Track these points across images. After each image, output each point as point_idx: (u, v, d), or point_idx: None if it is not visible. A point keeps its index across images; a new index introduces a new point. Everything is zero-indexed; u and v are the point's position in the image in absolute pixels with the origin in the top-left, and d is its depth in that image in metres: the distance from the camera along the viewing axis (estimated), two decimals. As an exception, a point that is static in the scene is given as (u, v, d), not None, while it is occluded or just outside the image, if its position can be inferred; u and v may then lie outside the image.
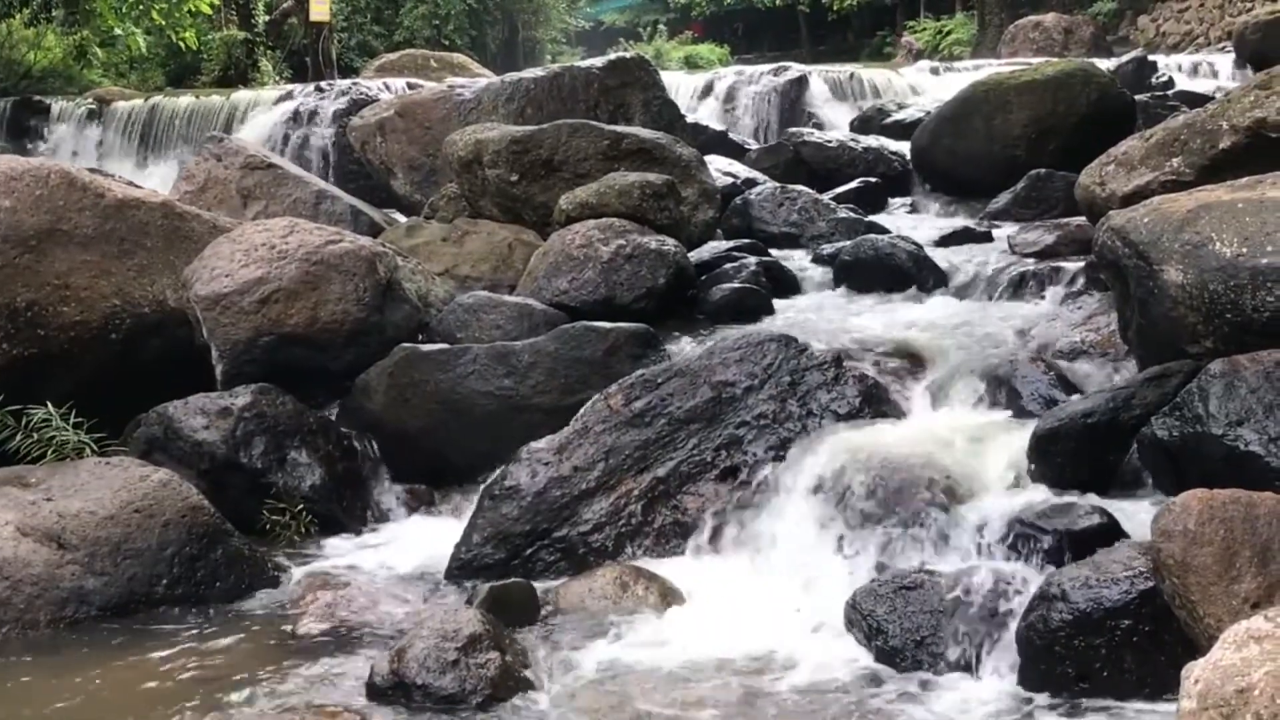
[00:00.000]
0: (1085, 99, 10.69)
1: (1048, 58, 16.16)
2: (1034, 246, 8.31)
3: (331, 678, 4.75)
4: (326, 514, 6.37)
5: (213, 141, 10.83)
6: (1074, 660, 4.23)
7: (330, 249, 6.98)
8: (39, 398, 6.50)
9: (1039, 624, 4.31)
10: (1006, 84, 11.08)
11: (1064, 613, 4.25)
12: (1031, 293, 7.56)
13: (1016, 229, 8.92)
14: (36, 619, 5.27)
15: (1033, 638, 4.32)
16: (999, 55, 23.50)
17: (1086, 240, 7.55)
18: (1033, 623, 4.33)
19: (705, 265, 8.29)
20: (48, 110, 18.70)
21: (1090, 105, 10.67)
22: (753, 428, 5.77)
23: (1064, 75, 10.91)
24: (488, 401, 6.50)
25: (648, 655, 4.80)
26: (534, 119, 10.43)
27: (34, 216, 6.84)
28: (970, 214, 10.49)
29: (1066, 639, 4.24)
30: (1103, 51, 20.94)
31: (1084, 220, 8.08)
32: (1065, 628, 4.24)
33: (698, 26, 47.65)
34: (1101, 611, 4.21)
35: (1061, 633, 4.24)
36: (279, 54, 26.33)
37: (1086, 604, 4.23)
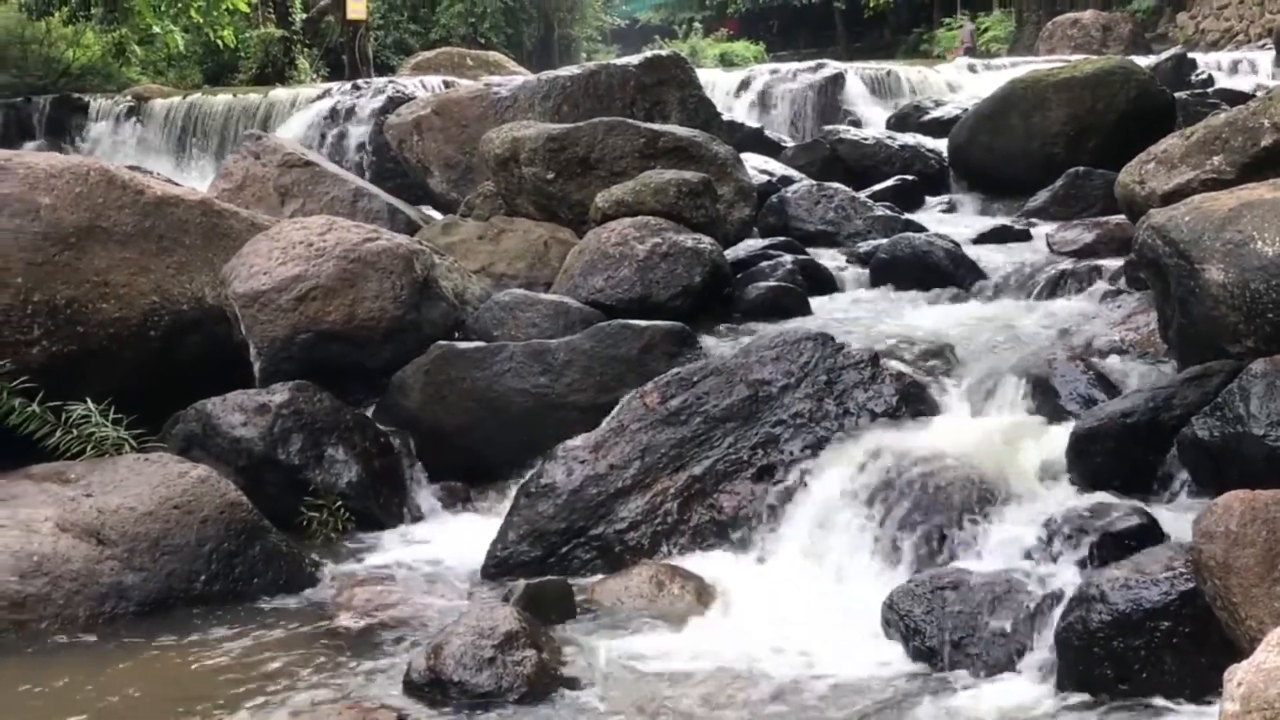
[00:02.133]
0: (1124, 96, 10.65)
1: (1086, 55, 16.08)
2: (1073, 245, 8.28)
3: (368, 674, 4.76)
4: (363, 511, 6.39)
5: (251, 139, 10.87)
6: (1113, 661, 4.21)
7: (367, 247, 6.99)
8: (78, 394, 6.54)
9: (1078, 625, 4.28)
10: (1045, 81, 11.04)
11: (1103, 614, 4.22)
12: (1070, 291, 7.52)
13: (1055, 227, 8.89)
14: (76, 615, 5.29)
15: (1071, 639, 4.29)
16: (1036, 52, 23.41)
17: (1126, 239, 7.52)
18: (1071, 624, 4.30)
19: (741, 263, 8.28)
20: (86, 108, 18.85)
21: (1129, 103, 10.62)
22: (789, 426, 5.76)
23: (1103, 73, 10.86)
24: (524, 399, 6.51)
25: (683, 653, 4.80)
26: (570, 117, 10.44)
27: (74, 214, 6.88)
28: (1008, 212, 10.46)
29: (1105, 640, 4.21)
30: (1141, 49, 20.84)
31: (1123, 219, 8.03)
32: (1104, 629, 4.21)
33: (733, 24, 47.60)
34: (1141, 613, 4.18)
35: (1100, 634, 4.22)
36: (316, 52, 26.46)
37: (1126, 605, 4.21)
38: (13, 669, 4.95)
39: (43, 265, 6.75)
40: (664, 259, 7.51)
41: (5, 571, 5.29)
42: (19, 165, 6.95)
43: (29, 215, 6.77)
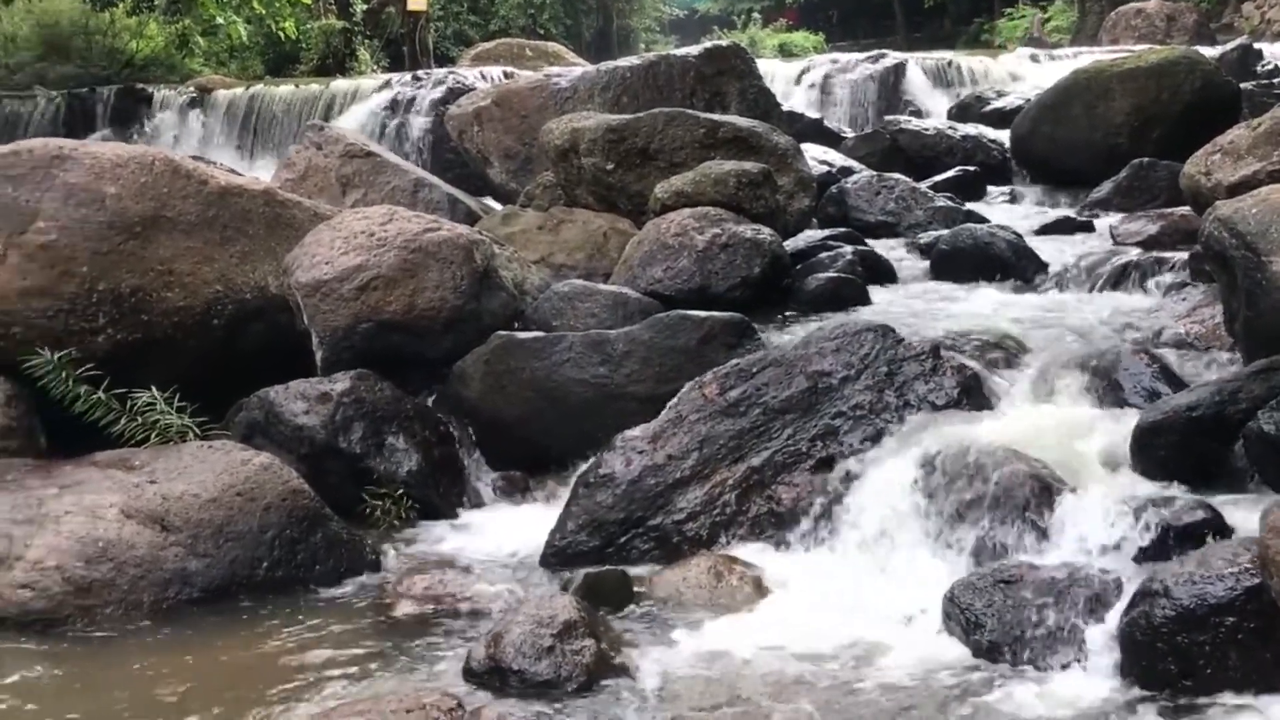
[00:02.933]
0: (1189, 87, 10.54)
1: (1150, 45, 15.90)
2: (1137, 237, 8.20)
3: (428, 661, 4.79)
4: (423, 499, 6.42)
5: (313, 130, 10.95)
6: (1177, 657, 4.16)
7: (428, 237, 7.02)
8: (143, 382, 6.60)
9: (1141, 620, 4.24)
10: (1109, 71, 10.94)
11: (1167, 609, 4.18)
12: (1134, 284, 7.45)
13: (1119, 219, 8.81)
14: (140, 600, 5.36)
15: (1134, 634, 4.25)
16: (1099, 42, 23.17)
17: (1191, 231, 7.44)
18: (1134, 618, 4.26)
19: (801, 254, 8.26)
20: (150, 98, 19.01)
21: (1194, 93, 10.52)
22: (849, 418, 5.73)
23: (1168, 63, 10.76)
24: (583, 389, 6.52)
25: (742, 645, 4.78)
26: (630, 108, 10.44)
27: (139, 203, 6.94)
28: (1071, 203, 10.39)
29: (1169, 635, 4.16)
30: (1206, 39, 20.58)
31: (1188, 210, 7.95)
32: (1168, 624, 4.16)
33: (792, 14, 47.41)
34: (1206, 608, 4.13)
35: (1164, 629, 4.17)
36: (376, 43, 26.58)
37: (1190, 600, 4.16)
38: (78, 654, 5.02)
39: (108, 254, 6.82)
40: (723, 250, 7.50)
41: (71, 557, 5.37)
42: (85, 155, 7.01)
43: (95, 205, 6.85)
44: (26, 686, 4.76)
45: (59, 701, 4.62)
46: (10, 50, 23.26)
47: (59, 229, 6.77)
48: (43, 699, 4.64)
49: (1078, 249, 8.31)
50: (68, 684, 4.75)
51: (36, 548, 5.40)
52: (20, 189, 6.83)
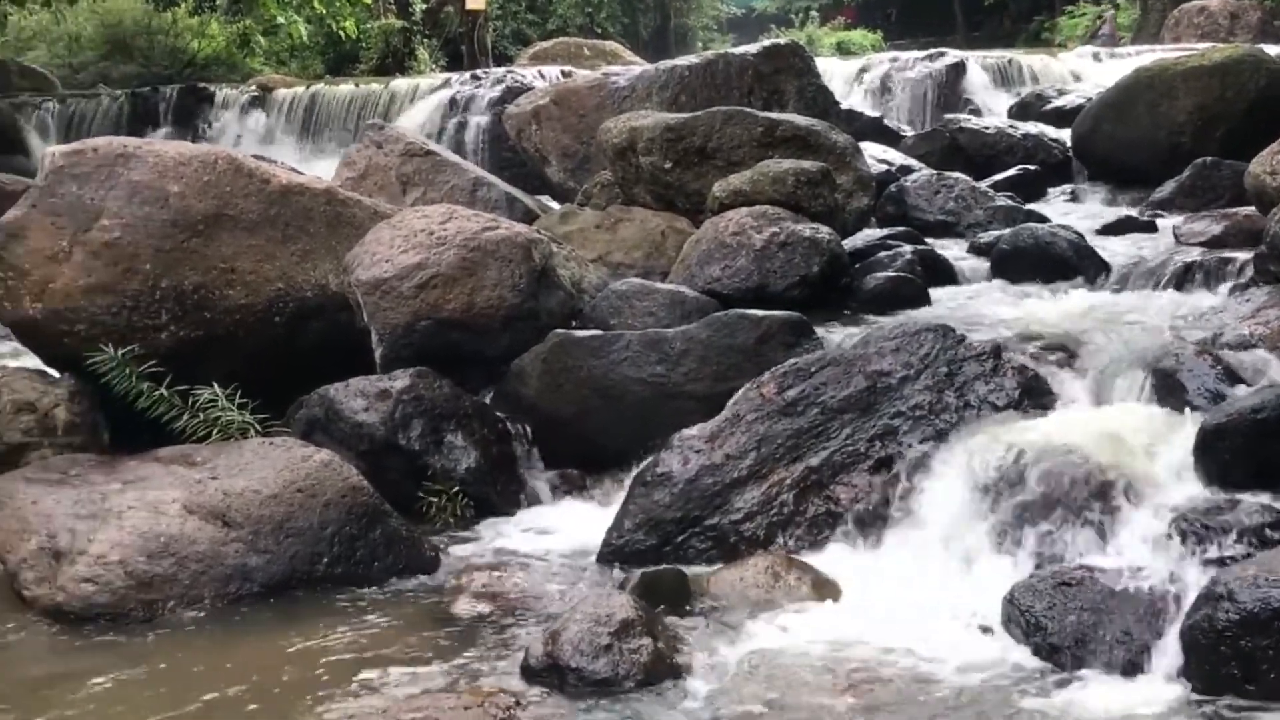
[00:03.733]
0: (1254, 85, 10.42)
1: (1213, 43, 15.73)
2: (1200, 236, 8.11)
3: (486, 658, 4.80)
4: (481, 497, 6.44)
5: (373, 129, 11.01)
6: (1240, 661, 4.11)
7: (487, 235, 7.05)
8: (205, 378, 6.67)
9: (1204, 624, 4.19)
10: (1172, 70, 10.84)
11: (1230, 613, 4.13)
12: (1197, 284, 7.37)
13: (1182, 218, 8.72)
14: (201, 595, 5.41)
15: (1197, 638, 4.21)
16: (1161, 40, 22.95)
17: (1256, 231, 7.35)
18: (1197, 622, 4.22)
19: (859, 253, 8.23)
20: (212, 97, 19.18)
21: (1259, 92, 10.39)
22: (908, 418, 5.70)
23: (1232, 61, 10.64)
24: (640, 388, 6.52)
25: (799, 645, 4.77)
26: (688, 106, 10.44)
27: (202, 202, 7.01)
28: (1133, 203, 10.29)
29: (1233, 640, 4.12)
30: (1270, 37, 20.31)
31: (1253, 210, 7.86)
32: (1232, 628, 4.12)
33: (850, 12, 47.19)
34: (1270, 612, 4.08)
35: (1228, 633, 4.12)
36: (435, 42, 26.71)
37: (1254, 604, 4.11)
38: (139, 648, 5.07)
39: (171, 252, 6.89)
40: (781, 248, 7.48)
41: (134, 552, 5.42)
42: (148, 154, 7.09)
43: (158, 203, 6.92)
44: (89, 680, 4.81)
45: (120, 695, 4.67)
46: (74, 49, 23.57)
47: (123, 227, 6.84)
48: (105, 692, 4.69)
49: (1140, 249, 8.24)
50: (129, 678, 4.79)
51: (100, 542, 5.46)
52: (85, 187, 6.91)
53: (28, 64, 22.02)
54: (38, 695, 4.71)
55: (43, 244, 6.82)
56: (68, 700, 4.64)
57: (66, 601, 5.34)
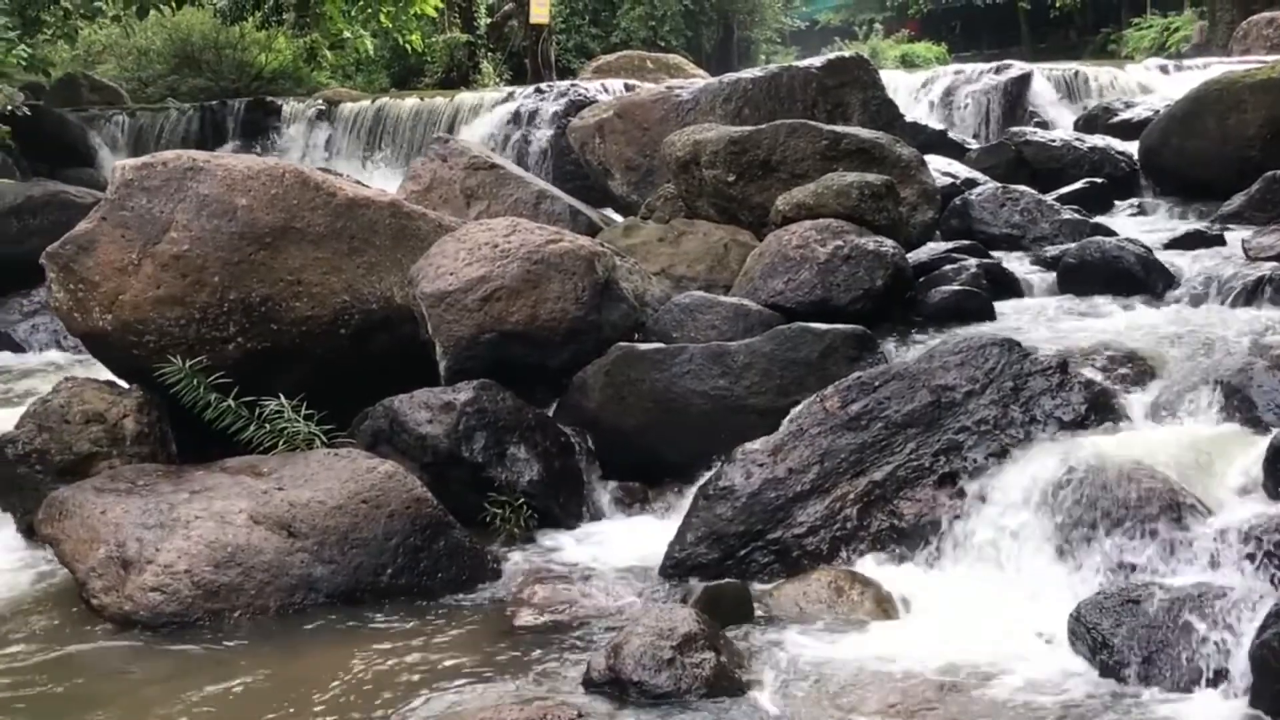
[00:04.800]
0: (1326, 97, 10.27)
1: (1284, 55, 15.54)
2: (1270, 251, 8.00)
3: (549, 670, 4.81)
4: (544, 509, 6.46)
5: (438, 142, 11.07)
6: (1313, 683, 4.06)
7: (550, 248, 7.07)
8: (271, 390, 6.73)
9: (1273, 643, 4.13)
10: (1241, 82, 10.72)
11: (1302, 632, 4.07)
12: (1267, 299, 7.28)
13: (1251, 232, 8.60)
14: (266, 605, 5.46)
15: (1267, 657, 4.14)
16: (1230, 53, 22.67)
17: (1328, 245, 7.25)
18: (1267, 641, 4.16)
19: (924, 267, 8.18)
20: (279, 111, 19.34)
21: (1331, 104, 10.24)
22: (973, 433, 5.66)
23: (1303, 73, 10.51)
24: (702, 401, 6.52)
25: (862, 661, 4.76)
26: (751, 119, 10.42)
27: (269, 214, 7.07)
28: (1201, 216, 10.18)
29: (1304, 660, 4.06)
30: (1344, 49, 20.04)
31: (1324, 224, 7.75)
32: (1303, 648, 4.06)
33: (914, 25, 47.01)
34: (1343, 633, 4.03)
35: (1299, 654, 4.07)
36: (499, 56, 26.85)
37: (1327, 625, 4.05)
38: (205, 658, 5.12)
39: (239, 264, 6.95)
40: (845, 262, 7.45)
41: (201, 561, 5.48)
42: (217, 167, 7.15)
43: (226, 215, 6.98)
44: (155, 690, 4.87)
45: (185, 705, 4.71)
46: (144, 63, 23.86)
47: (192, 239, 6.92)
48: (170, 702, 4.74)
49: (1209, 263, 8.13)
50: (195, 687, 4.84)
51: (167, 552, 5.53)
52: (155, 200, 6.98)
53: (98, 78, 22.32)
54: (104, 704, 4.77)
55: (112, 256, 6.91)
56: (134, 710, 4.70)
57: (134, 610, 5.41)
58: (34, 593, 6.01)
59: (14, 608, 5.80)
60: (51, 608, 5.77)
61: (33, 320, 12.23)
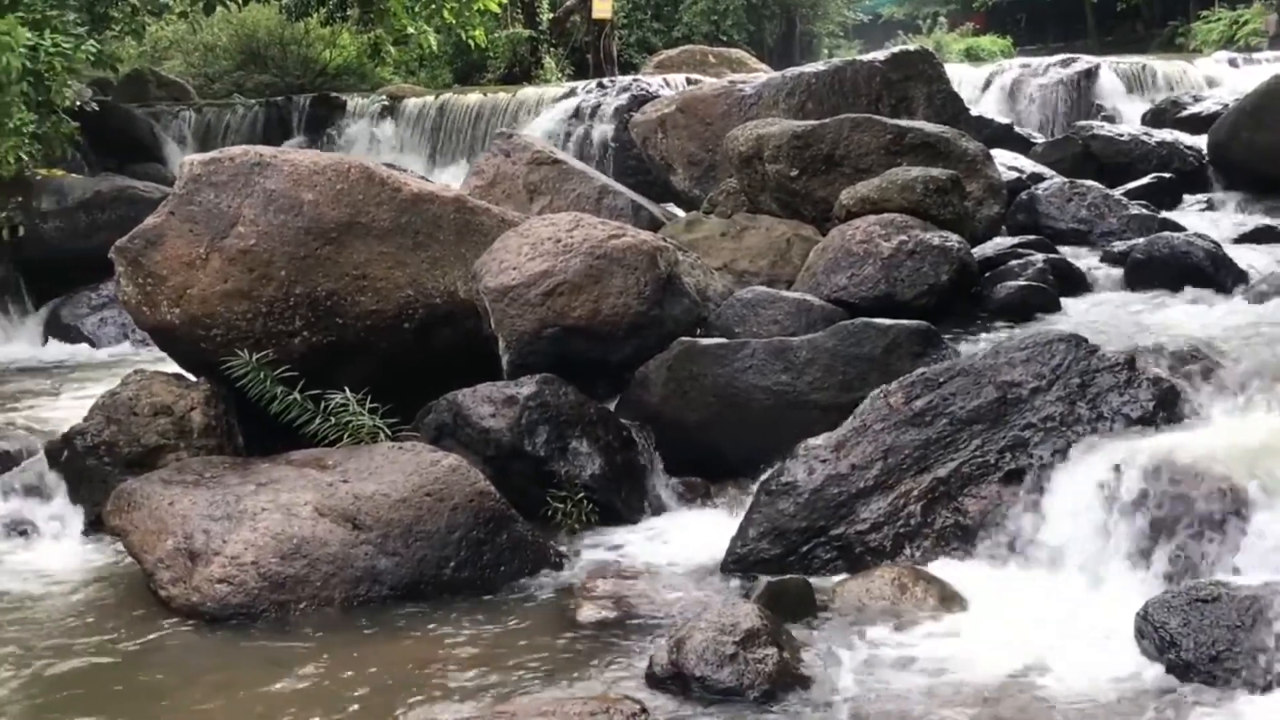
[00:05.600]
0: (1399, 90, 10.11)
1: (1357, 47, 15.31)
2: (1342, 246, 7.90)
3: (611, 665, 4.82)
4: (605, 503, 6.47)
5: (501, 138, 11.10)
6: (1386, 684, 4.00)
7: (613, 243, 7.07)
8: (336, 383, 6.77)
9: (1347, 644, 4.08)
10: (1313, 75, 10.57)
11: (1375, 633, 4.01)
12: (1339, 295, 7.18)
13: (1323, 227, 8.50)
14: (331, 596, 5.49)
15: (1340, 659, 4.09)
16: (1301, 45, 22.35)
17: (1402, 240, 7.14)
18: (1340, 643, 4.10)
19: (989, 262, 8.13)
20: (344, 106, 19.44)
21: (1405, 97, 10.09)
22: (1039, 430, 5.61)
23: (1377, 65, 10.34)
24: (765, 396, 6.50)
25: (926, 658, 4.73)
26: (814, 114, 10.38)
27: (335, 210, 7.11)
28: (1270, 211, 10.09)
29: (1377, 661, 4.00)
30: None
31: (1399, 219, 7.63)
32: (1376, 649, 4.00)
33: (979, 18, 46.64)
34: None
35: (1372, 654, 4.01)
36: (561, 51, 26.85)
37: (1401, 625, 3.99)
38: (271, 649, 5.17)
39: (305, 259, 7.00)
40: (910, 257, 7.42)
41: (267, 553, 5.53)
42: (284, 162, 7.21)
43: (293, 211, 7.03)
44: (224, 680, 4.92)
45: (252, 695, 4.76)
46: (210, 59, 24.06)
47: (259, 234, 6.97)
48: (238, 692, 4.79)
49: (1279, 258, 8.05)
50: (262, 678, 4.89)
51: (234, 543, 5.58)
52: (222, 195, 7.05)
53: (165, 74, 22.53)
54: (171, 695, 4.82)
55: (180, 251, 6.97)
56: (201, 701, 4.75)
57: (201, 602, 5.46)
58: (103, 583, 6.08)
59: (83, 598, 5.89)
60: (120, 598, 5.84)
61: (101, 314, 12.40)
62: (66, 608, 5.75)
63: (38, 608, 5.76)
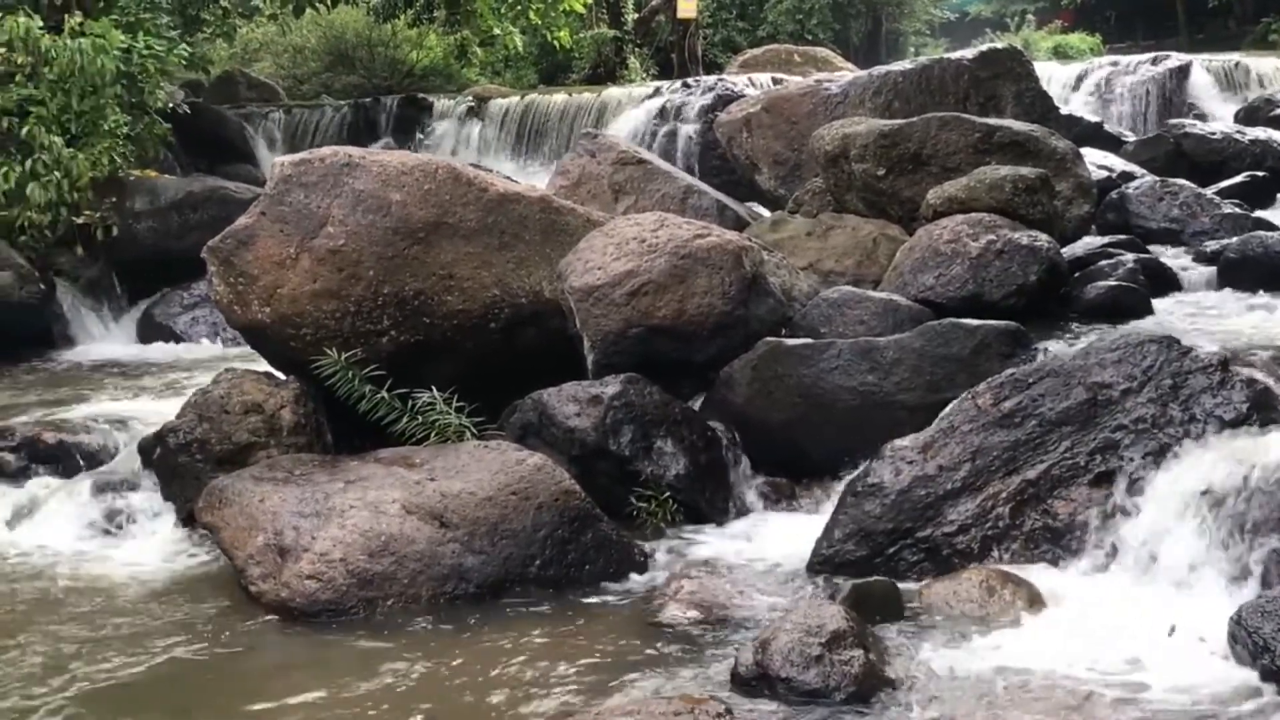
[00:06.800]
0: None
1: None
2: None
3: (694, 665, 4.82)
4: (689, 503, 6.47)
5: (587, 138, 11.14)
6: None
7: (698, 243, 7.06)
8: (423, 383, 6.82)
9: None
10: None
11: None
12: None
13: None
14: (419, 594, 5.54)
15: None
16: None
17: None
18: None
19: (1079, 262, 8.05)
20: (430, 107, 19.58)
21: None
22: (1130, 432, 5.53)
23: None
24: (850, 397, 6.47)
25: (1013, 662, 4.68)
26: (902, 113, 10.33)
27: (423, 210, 7.16)
28: (1370, 210, 9.86)
29: None
30: None
31: None
32: None
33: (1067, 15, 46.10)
34: None
35: None
36: (646, 51, 26.89)
37: None
38: (359, 645, 5.22)
39: (393, 259, 7.06)
40: (998, 256, 7.35)
41: (356, 550, 5.58)
42: (372, 163, 7.27)
43: (381, 211, 7.09)
44: (313, 676, 4.98)
45: (341, 691, 4.80)
46: (299, 61, 24.36)
47: (347, 234, 7.03)
48: (327, 688, 4.84)
49: (1378, 258, 7.88)
50: (351, 674, 4.93)
51: (323, 540, 5.64)
52: (312, 195, 7.12)
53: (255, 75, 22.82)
54: (260, 690, 4.88)
55: (271, 250, 7.05)
56: (290, 696, 4.80)
57: (291, 598, 5.52)
58: (194, 579, 6.18)
59: (175, 593, 5.98)
60: (211, 594, 5.93)
61: (193, 313, 12.56)
62: (159, 602, 5.85)
63: (131, 601, 5.86)
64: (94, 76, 12.36)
